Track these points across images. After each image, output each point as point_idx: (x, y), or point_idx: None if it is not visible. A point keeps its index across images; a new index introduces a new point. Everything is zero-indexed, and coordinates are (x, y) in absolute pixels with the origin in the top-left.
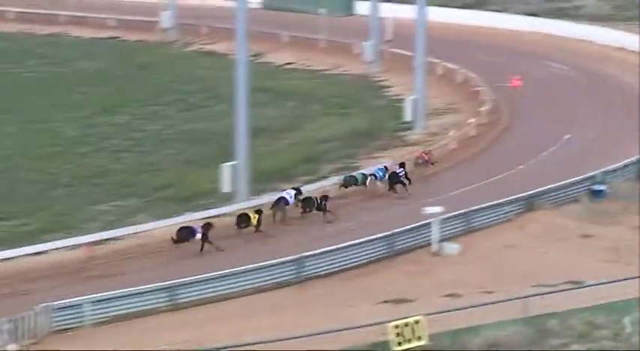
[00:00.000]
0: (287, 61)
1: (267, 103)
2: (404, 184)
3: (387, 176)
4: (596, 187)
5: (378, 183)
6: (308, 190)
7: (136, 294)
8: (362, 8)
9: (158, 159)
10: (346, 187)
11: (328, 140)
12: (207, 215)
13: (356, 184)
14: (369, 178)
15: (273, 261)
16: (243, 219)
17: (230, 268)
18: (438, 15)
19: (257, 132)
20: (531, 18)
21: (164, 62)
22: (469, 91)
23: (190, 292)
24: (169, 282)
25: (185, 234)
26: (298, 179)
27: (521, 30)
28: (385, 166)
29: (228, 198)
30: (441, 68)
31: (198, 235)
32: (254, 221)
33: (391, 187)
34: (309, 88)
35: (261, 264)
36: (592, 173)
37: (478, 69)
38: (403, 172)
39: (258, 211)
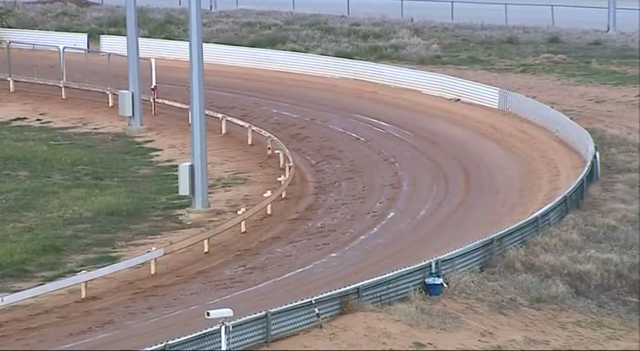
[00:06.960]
0: (15, 117)
1: None
2: None
3: None
4: (431, 281)
5: None
6: None
7: None
8: (109, 44)
9: None
10: None
11: (76, 222)
12: None
13: None
14: None
15: None
16: None
17: None
18: (217, 55)
19: None
20: (342, 60)
21: None
22: (263, 155)
23: None
24: None
25: None
26: (37, 275)
27: (329, 75)
28: None
29: None
30: (226, 125)
31: None
32: None
33: None
34: (49, 153)
35: None
36: (424, 262)
37: (274, 127)
38: None
39: None
